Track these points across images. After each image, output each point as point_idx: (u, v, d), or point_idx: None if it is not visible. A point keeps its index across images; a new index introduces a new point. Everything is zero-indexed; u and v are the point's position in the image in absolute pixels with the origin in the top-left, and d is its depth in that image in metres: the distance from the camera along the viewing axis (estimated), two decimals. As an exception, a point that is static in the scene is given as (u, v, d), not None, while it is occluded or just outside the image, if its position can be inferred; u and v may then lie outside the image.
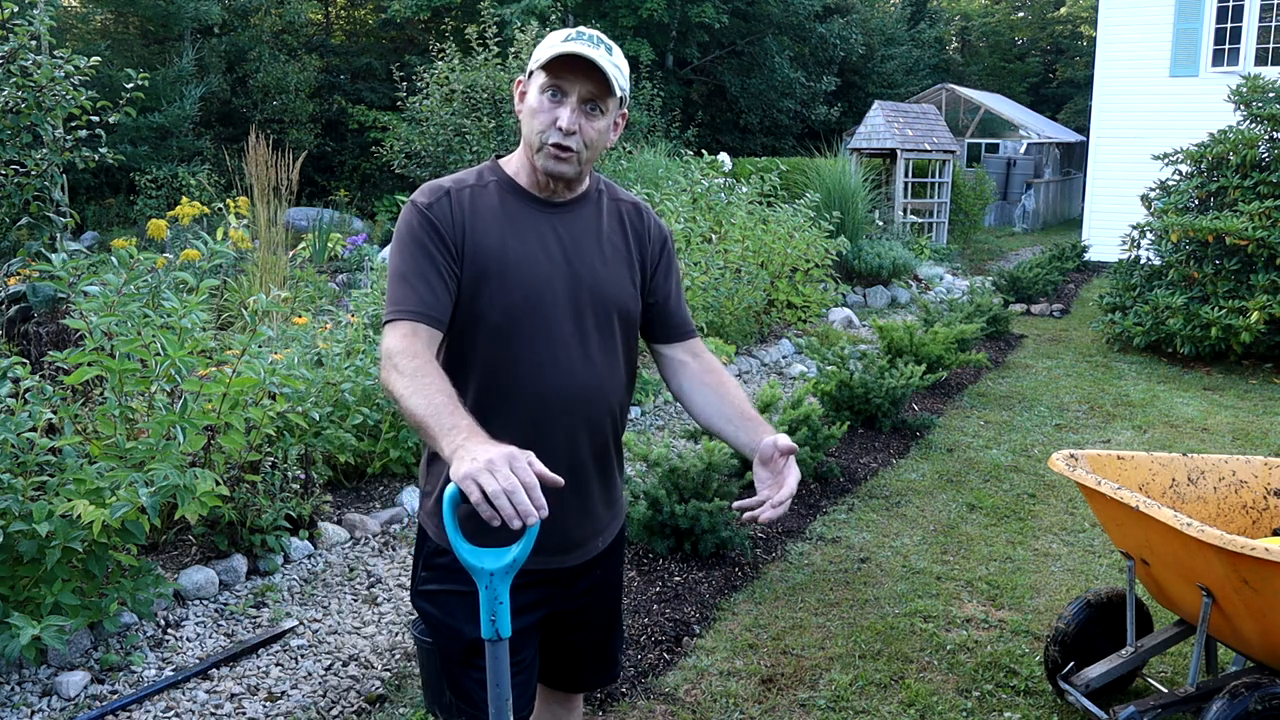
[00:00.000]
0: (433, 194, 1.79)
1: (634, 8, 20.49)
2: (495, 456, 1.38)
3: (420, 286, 1.71)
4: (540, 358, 1.77)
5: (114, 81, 6.68)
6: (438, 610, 1.83)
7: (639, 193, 7.77)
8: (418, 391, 1.57)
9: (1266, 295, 7.47)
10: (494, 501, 1.35)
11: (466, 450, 1.43)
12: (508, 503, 1.35)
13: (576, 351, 1.80)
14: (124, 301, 3.39)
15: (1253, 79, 8.31)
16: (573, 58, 1.70)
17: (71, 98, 5.01)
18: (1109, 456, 3.01)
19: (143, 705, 2.98)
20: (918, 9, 31.92)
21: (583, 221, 1.87)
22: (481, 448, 1.41)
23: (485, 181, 1.84)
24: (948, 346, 6.78)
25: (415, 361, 1.62)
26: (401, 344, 1.65)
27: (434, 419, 1.52)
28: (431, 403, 1.55)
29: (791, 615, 3.64)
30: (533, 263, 1.78)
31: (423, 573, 1.87)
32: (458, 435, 1.47)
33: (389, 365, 1.64)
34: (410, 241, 1.75)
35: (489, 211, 1.80)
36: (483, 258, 1.76)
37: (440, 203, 1.78)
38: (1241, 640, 2.65)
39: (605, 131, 1.79)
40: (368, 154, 18.66)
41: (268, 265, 6.96)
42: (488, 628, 1.47)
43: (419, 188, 1.84)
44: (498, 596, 1.46)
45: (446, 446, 1.47)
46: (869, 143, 14.03)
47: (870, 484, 5.09)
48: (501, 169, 1.86)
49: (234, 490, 3.83)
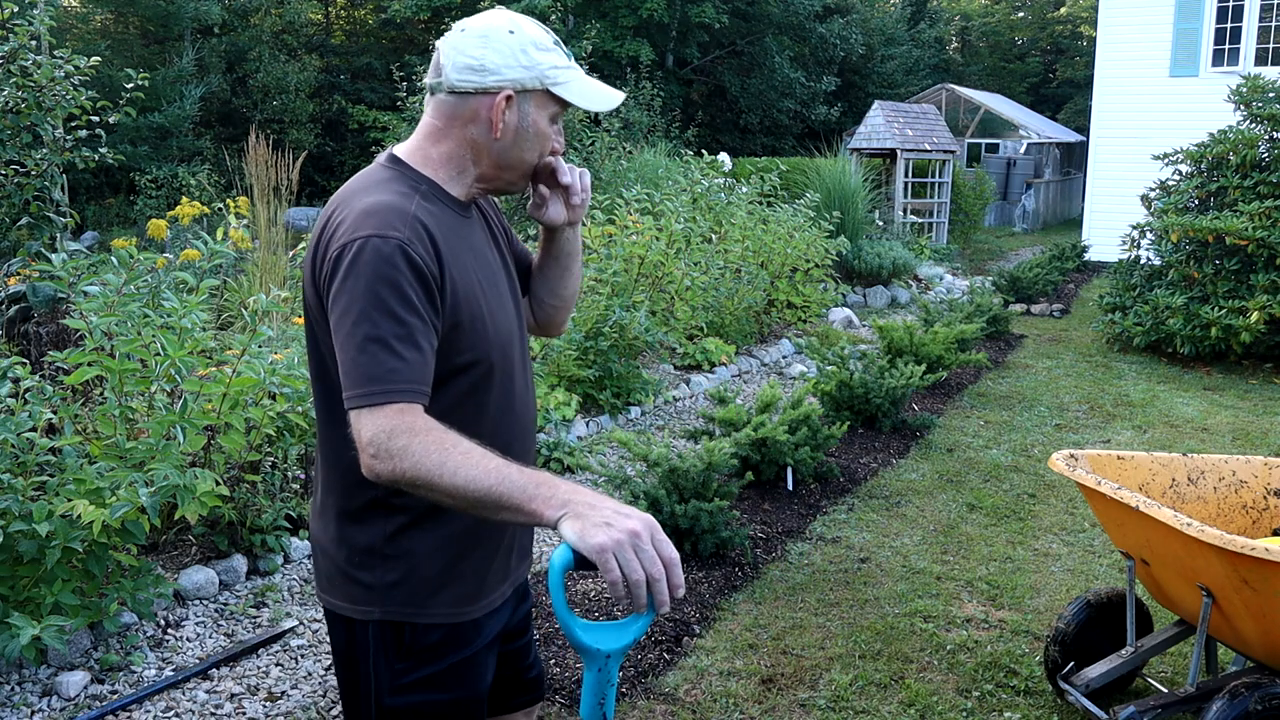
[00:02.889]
0: (403, 223, 1.44)
1: (634, 8, 20.49)
2: (639, 527, 1.20)
3: (409, 353, 1.39)
4: (505, 399, 1.60)
5: (114, 81, 6.68)
6: (440, 692, 1.58)
7: (639, 193, 7.76)
8: (462, 464, 1.31)
9: (1266, 295, 7.47)
10: (634, 590, 1.18)
11: (588, 508, 1.23)
12: (645, 593, 1.18)
13: (522, 382, 1.65)
14: (124, 301, 3.39)
15: (1253, 79, 8.31)
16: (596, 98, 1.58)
17: (71, 98, 5.01)
18: (1109, 456, 3.01)
19: (143, 705, 2.98)
20: (918, 9, 31.93)
21: (482, 222, 1.68)
22: (607, 506, 1.23)
23: (419, 190, 1.54)
24: (948, 346, 6.78)
25: (430, 436, 1.34)
26: (398, 422, 1.35)
27: (506, 483, 1.28)
28: (489, 468, 1.30)
29: (791, 615, 3.65)
30: (494, 287, 1.59)
31: (399, 665, 1.56)
32: (555, 490, 1.27)
33: (389, 453, 1.34)
34: (389, 293, 1.39)
35: (449, 234, 1.52)
36: (469, 296, 1.51)
37: (418, 234, 1.45)
38: (1241, 640, 2.65)
39: None
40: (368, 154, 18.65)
41: (268, 265, 6.95)
42: (594, 711, 1.31)
43: (377, 214, 1.44)
44: (609, 679, 1.30)
45: (546, 508, 1.26)
46: (869, 143, 14.03)
47: (870, 484, 5.09)
48: (420, 172, 1.57)
49: (234, 490, 3.83)
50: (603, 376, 6.04)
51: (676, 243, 7.30)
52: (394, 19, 21.72)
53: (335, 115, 20.30)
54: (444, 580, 1.58)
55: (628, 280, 6.97)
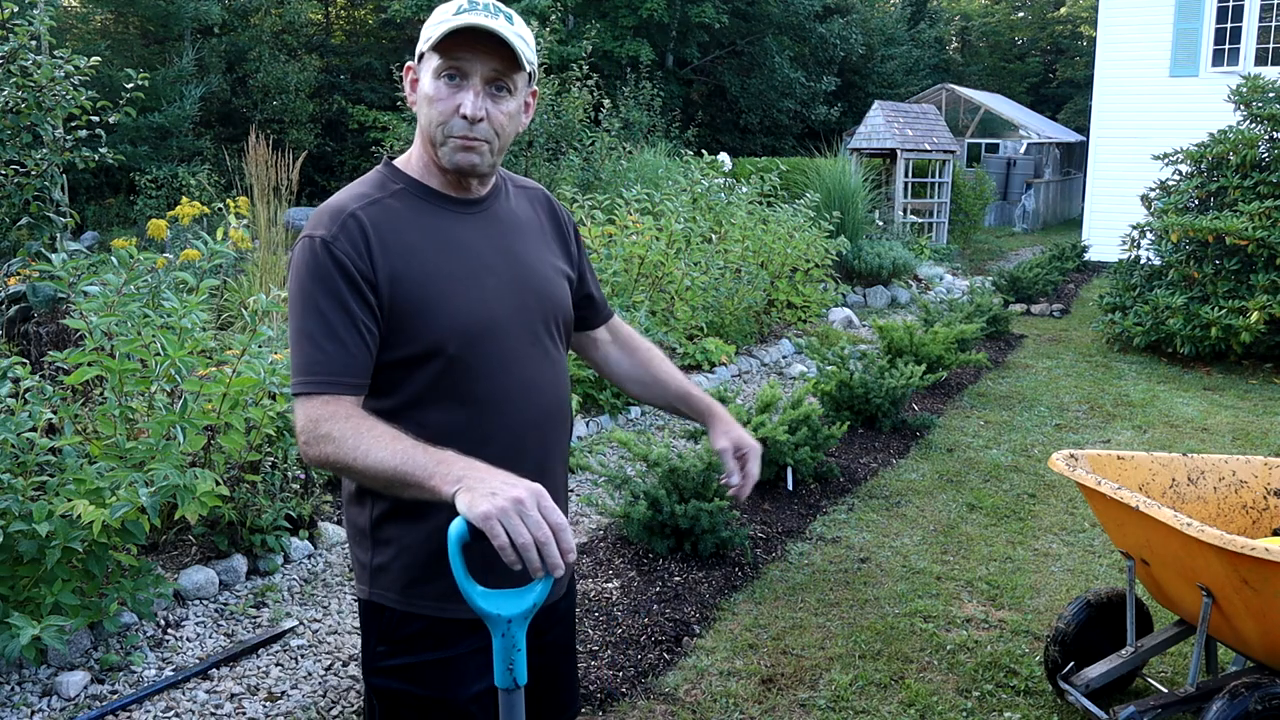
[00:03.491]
0: (333, 221, 1.50)
1: (634, 8, 20.49)
2: (522, 495, 1.24)
3: (331, 346, 1.46)
4: (508, 382, 1.58)
5: (114, 81, 6.68)
6: (412, 684, 1.60)
7: (639, 193, 7.76)
8: (372, 447, 1.37)
9: (1266, 295, 7.47)
10: (523, 554, 1.22)
11: (478, 481, 1.28)
12: (536, 555, 1.22)
13: (538, 369, 1.63)
14: (124, 301, 3.39)
15: (1253, 79, 8.31)
16: (469, 31, 1.47)
17: (71, 98, 5.01)
18: (1109, 456, 3.01)
19: (143, 705, 2.98)
20: (918, 9, 31.94)
21: (506, 218, 1.67)
22: (495, 478, 1.27)
23: (391, 190, 1.57)
24: (948, 346, 6.78)
25: (349, 423, 1.41)
26: (323, 411, 1.43)
27: (409, 462, 1.34)
28: (395, 449, 1.35)
29: (791, 615, 3.65)
30: (476, 277, 1.57)
31: (380, 648, 1.61)
32: (452, 467, 1.32)
33: (316, 439, 1.42)
34: (315, 289, 1.47)
35: (406, 228, 1.54)
36: (414, 283, 1.51)
37: (346, 232, 1.49)
38: (1241, 640, 2.65)
39: (516, 114, 1.57)
40: (368, 154, 18.68)
41: (268, 265, 6.95)
42: (504, 676, 1.36)
43: (316, 215, 1.53)
44: (515, 644, 1.35)
45: (443, 483, 1.30)
46: (869, 143, 14.03)
47: (870, 484, 5.09)
48: (403, 172, 1.61)
49: (234, 490, 3.83)
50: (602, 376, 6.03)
51: (676, 243, 7.30)
52: (394, 19, 21.72)
53: (335, 115, 20.31)
54: (430, 574, 1.58)
55: (628, 280, 6.97)
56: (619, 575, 3.92)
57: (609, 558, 4.08)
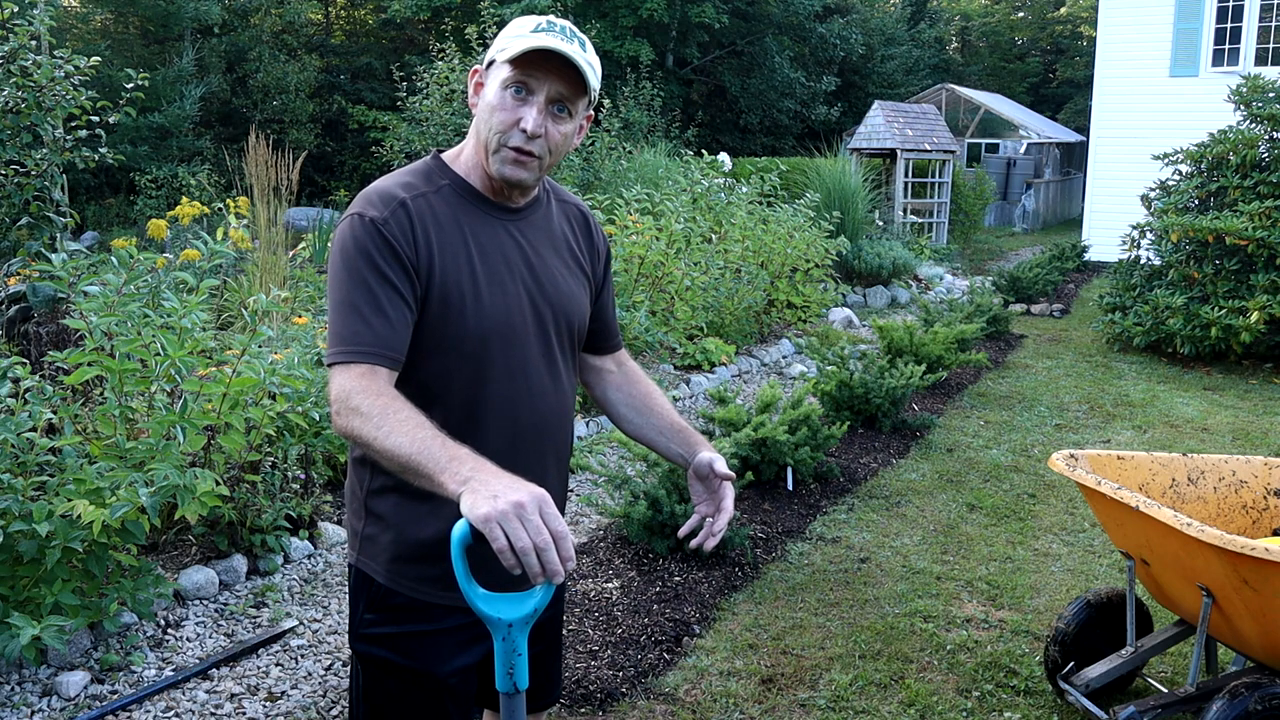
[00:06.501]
0: (385, 204, 1.56)
1: (634, 8, 20.48)
2: (525, 499, 1.24)
3: (375, 320, 1.50)
4: (514, 387, 1.62)
5: (114, 81, 6.68)
6: (395, 653, 1.64)
7: (639, 192, 7.76)
8: (394, 430, 1.38)
9: (1266, 295, 7.48)
10: (522, 559, 1.22)
11: (483, 484, 1.28)
12: (536, 561, 1.22)
13: (546, 377, 1.68)
14: (124, 301, 3.39)
15: (1253, 79, 8.31)
16: (545, 53, 1.51)
17: (71, 98, 5.01)
18: (1109, 456, 3.01)
19: (143, 705, 2.98)
20: (918, 9, 31.94)
21: (539, 229, 1.71)
22: (500, 482, 1.28)
23: (437, 185, 1.62)
24: (948, 346, 6.78)
25: (380, 400, 1.43)
26: (358, 384, 1.45)
27: (424, 454, 1.35)
28: (415, 438, 1.37)
29: (791, 615, 3.65)
30: (501, 282, 1.61)
31: (367, 615, 1.65)
32: (462, 466, 1.32)
33: (346, 410, 1.44)
34: (363, 263, 1.51)
35: (447, 225, 1.59)
36: (449, 279, 1.57)
37: (396, 216, 1.55)
38: (1241, 640, 2.66)
39: (570, 135, 1.61)
40: (368, 154, 18.67)
41: (268, 265, 6.95)
42: (504, 681, 1.35)
43: (365, 196, 1.58)
44: (515, 648, 1.34)
45: (451, 481, 1.31)
46: (869, 143, 14.03)
47: (870, 484, 5.09)
48: (450, 168, 1.65)
49: (234, 490, 3.83)
50: (603, 376, 6.03)
51: (676, 243, 7.30)
52: (394, 19, 21.73)
53: (335, 115, 20.31)
54: (412, 556, 1.62)
55: (628, 280, 6.97)
56: (619, 575, 3.92)
57: (609, 558, 4.08)
